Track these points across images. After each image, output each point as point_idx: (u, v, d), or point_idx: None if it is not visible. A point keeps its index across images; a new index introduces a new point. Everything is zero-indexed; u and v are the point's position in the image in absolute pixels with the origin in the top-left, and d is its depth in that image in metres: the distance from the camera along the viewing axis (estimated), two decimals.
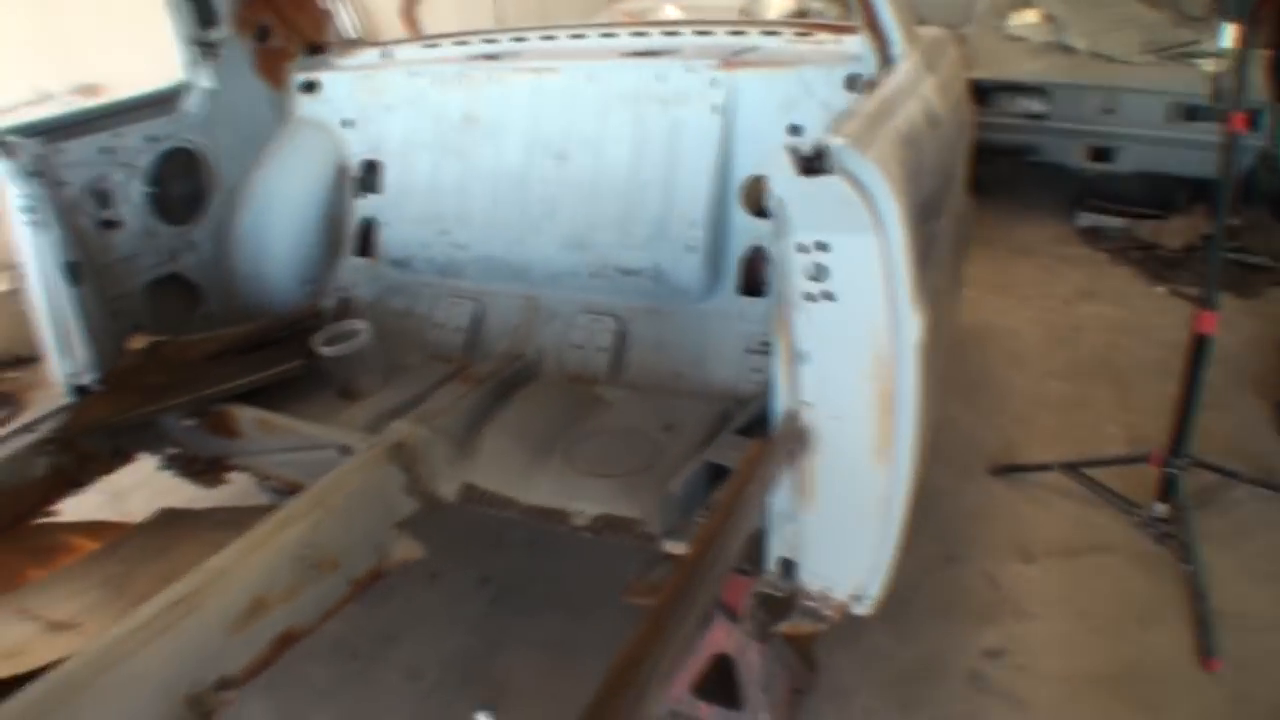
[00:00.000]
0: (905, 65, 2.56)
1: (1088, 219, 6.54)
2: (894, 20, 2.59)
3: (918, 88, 2.48)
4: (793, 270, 1.91)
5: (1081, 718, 2.77)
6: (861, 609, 2.26)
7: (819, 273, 1.88)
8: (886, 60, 2.58)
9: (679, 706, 2.74)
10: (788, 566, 2.28)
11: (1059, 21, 6.77)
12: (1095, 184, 6.54)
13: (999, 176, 7.06)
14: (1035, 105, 6.33)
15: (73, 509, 2.95)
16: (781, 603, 2.30)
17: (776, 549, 2.29)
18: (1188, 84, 5.61)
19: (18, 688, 1.72)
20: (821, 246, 1.86)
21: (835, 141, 1.75)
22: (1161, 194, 6.28)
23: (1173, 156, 5.84)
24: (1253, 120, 5.43)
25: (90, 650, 1.79)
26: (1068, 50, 6.56)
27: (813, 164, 1.75)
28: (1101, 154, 6.19)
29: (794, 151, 1.76)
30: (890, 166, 1.86)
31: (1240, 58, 3.03)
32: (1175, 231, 6.02)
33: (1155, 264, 5.87)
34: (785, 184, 1.80)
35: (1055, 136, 6.30)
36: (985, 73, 6.39)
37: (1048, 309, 5.39)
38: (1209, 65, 3.44)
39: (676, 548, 2.34)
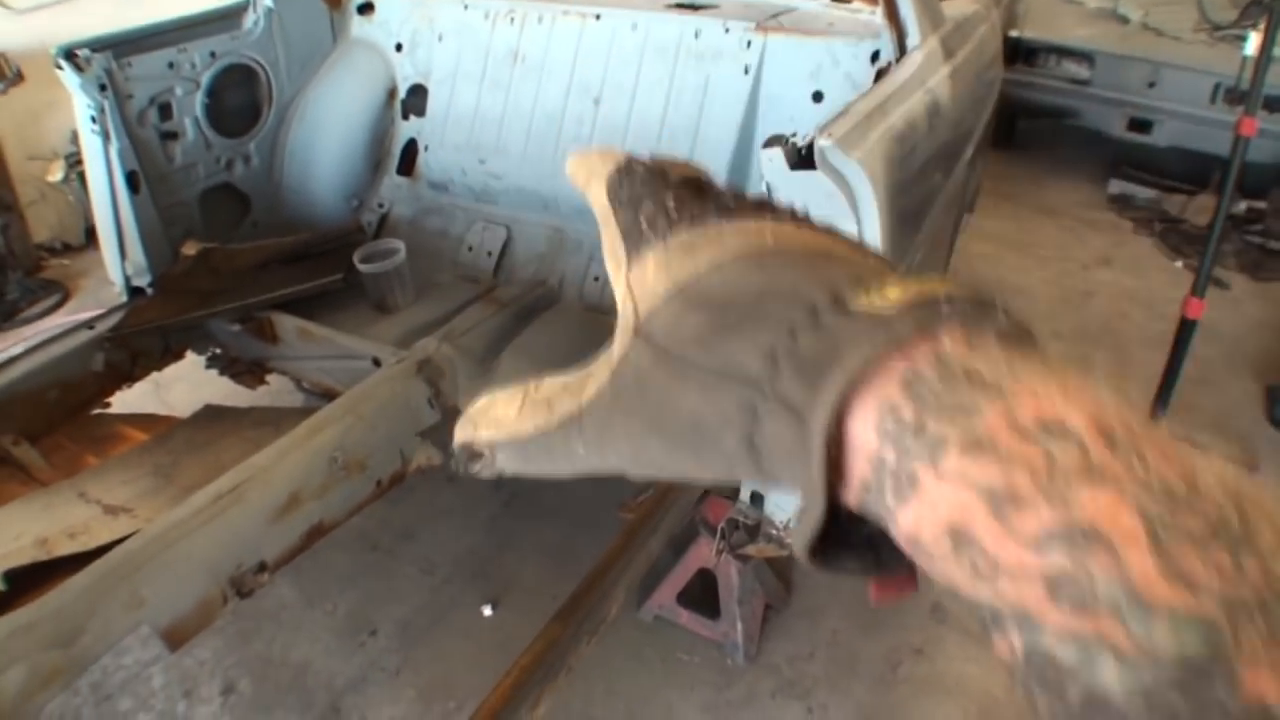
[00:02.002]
0: (918, 56, 2.69)
1: (1118, 186, 6.58)
2: (913, 13, 2.73)
3: (926, 80, 2.62)
4: None
5: None
6: None
7: None
8: (903, 50, 2.73)
9: (663, 611, 3.00)
10: (756, 498, 2.53)
11: None
12: (1130, 152, 6.56)
13: (1037, 135, 7.13)
14: (1080, 70, 6.34)
15: (120, 398, 3.19)
16: (751, 529, 2.55)
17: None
18: (1234, 67, 5.57)
19: (81, 564, 1.97)
20: None
21: (823, 142, 1.95)
22: (1195, 170, 6.27)
23: (1211, 136, 5.75)
24: None
25: (149, 532, 2.03)
26: (1121, 19, 6.55)
27: (802, 159, 1.95)
28: (1140, 125, 6.21)
29: (787, 147, 1.95)
30: (874, 164, 2.05)
31: (1260, 65, 3.15)
32: (1203, 208, 6.06)
33: (1177, 238, 5.94)
34: (777, 174, 2.00)
35: (1096, 103, 6.28)
36: (1034, 32, 6.41)
37: (1063, 272, 5.49)
38: (1249, 51, 3.55)
39: None
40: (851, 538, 0.44)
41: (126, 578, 1.96)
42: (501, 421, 0.55)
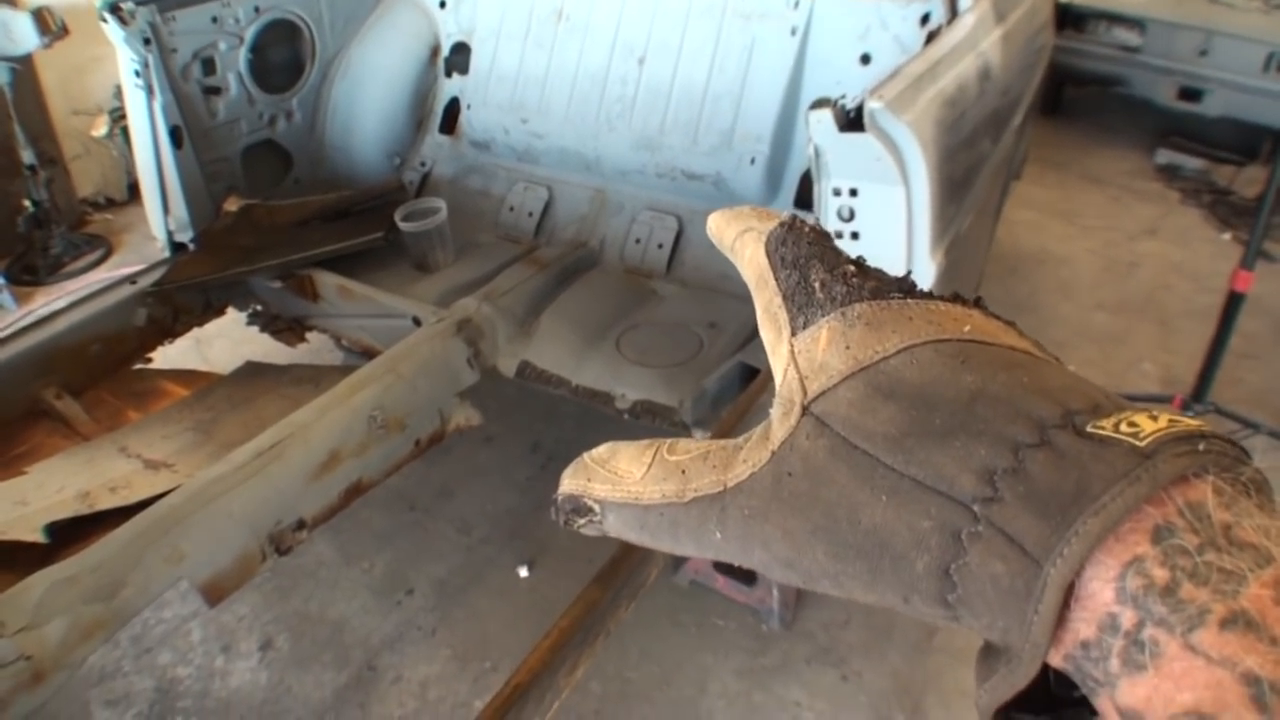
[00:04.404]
0: (969, 19, 2.63)
1: (1166, 156, 6.48)
2: None
3: (978, 43, 2.57)
4: (827, 209, 2.09)
5: None
6: None
7: (849, 215, 2.06)
8: (954, 13, 2.68)
9: (699, 576, 3.00)
10: None
11: None
12: (1179, 122, 6.46)
13: (1085, 103, 7.03)
14: (1130, 37, 6.22)
15: (162, 353, 3.21)
16: None
17: None
18: None
19: (122, 518, 1.99)
20: (853, 192, 2.04)
21: (873, 104, 1.91)
22: (1246, 141, 6.18)
23: (1263, 106, 5.71)
24: None
25: (190, 488, 2.04)
26: None
27: (851, 121, 1.91)
28: (1190, 94, 6.09)
29: (836, 109, 1.92)
30: (924, 128, 2.01)
31: None
32: (1253, 180, 5.97)
33: (1225, 210, 5.83)
34: (826, 136, 1.97)
35: (1146, 71, 6.16)
36: None
37: (1108, 241, 5.41)
38: None
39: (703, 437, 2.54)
40: (1033, 697, 0.39)
41: (167, 532, 1.97)
42: (623, 479, 0.48)
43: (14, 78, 4.57)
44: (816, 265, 0.46)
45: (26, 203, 4.97)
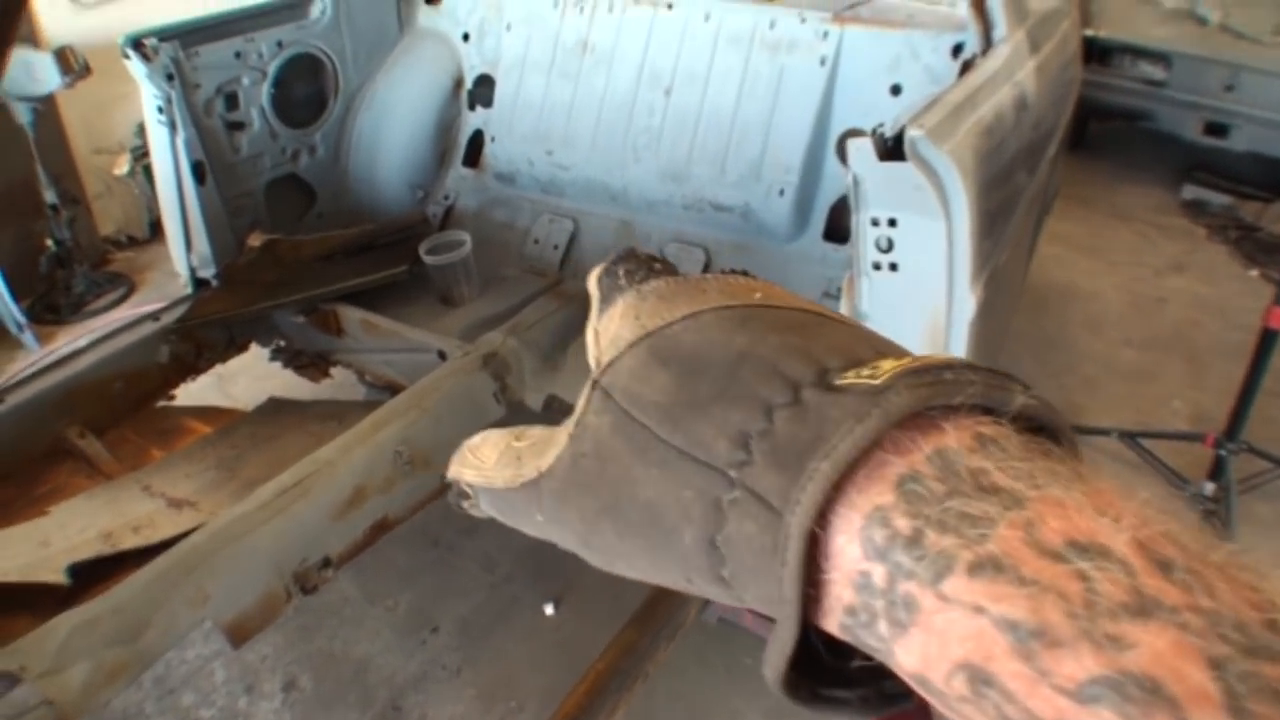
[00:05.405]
0: (1005, 50, 2.59)
1: (1192, 191, 6.42)
2: (1000, 5, 2.64)
3: (1014, 73, 2.52)
4: (865, 240, 2.04)
5: None
6: None
7: (888, 245, 2.01)
8: (989, 43, 2.64)
9: (727, 615, 2.93)
10: None
11: None
12: (1206, 157, 6.41)
13: (1110, 138, 7.00)
14: (1156, 72, 6.17)
15: (185, 390, 3.19)
16: None
17: None
18: None
19: (145, 557, 1.95)
20: (892, 222, 1.99)
21: (913, 132, 1.86)
22: (1272, 176, 6.12)
23: None
24: None
25: (213, 527, 2.01)
26: (1199, 20, 6.39)
27: (891, 150, 1.87)
28: (1216, 129, 6.04)
29: (876, 137, 1.87)
30: (964, 157, 1.96)
31: None
32: (1279, 216, 5.93)
33: (1252, 246, 5.77)
34: (864, 165, 1.92)
35: (1172, 106, 6.11)
36: (1110, 32, 6.27)
37: (1135, 277, 5.36)
38: None
39: None
40: (843, 666, 0.37)
41: (191, 573, 1.94)
42: (482, 466, 0.49)
43: (36, 118, 4.58)
44: (628, 265, 0.49)
45: (49, 242, 4.98)
